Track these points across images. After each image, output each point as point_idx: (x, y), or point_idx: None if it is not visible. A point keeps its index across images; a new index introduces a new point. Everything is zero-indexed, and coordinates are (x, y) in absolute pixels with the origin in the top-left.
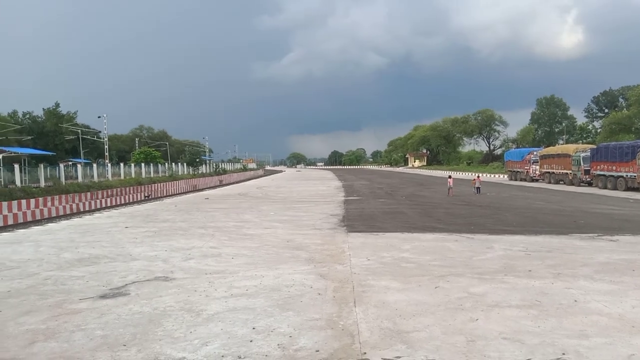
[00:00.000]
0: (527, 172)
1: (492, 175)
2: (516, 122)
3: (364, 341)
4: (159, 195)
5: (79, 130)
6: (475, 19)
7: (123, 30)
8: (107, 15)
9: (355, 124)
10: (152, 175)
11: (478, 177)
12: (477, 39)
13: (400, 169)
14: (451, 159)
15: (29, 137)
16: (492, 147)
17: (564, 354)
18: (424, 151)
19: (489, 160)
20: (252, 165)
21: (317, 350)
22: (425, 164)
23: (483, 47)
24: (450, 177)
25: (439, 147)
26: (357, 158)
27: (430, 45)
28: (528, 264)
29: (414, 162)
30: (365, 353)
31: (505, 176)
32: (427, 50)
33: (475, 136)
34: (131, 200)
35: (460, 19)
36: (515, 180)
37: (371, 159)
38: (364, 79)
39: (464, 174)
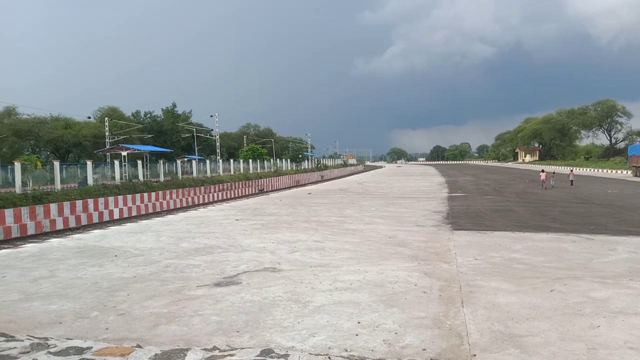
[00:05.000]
0: None
1: (614, 171)
2: None
3: (473, 343)
4: (265, 190)
5: (194, 129)
6: (595, 3)
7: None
8: (222, 38)
9: (459, 118)
10: (258, 170)
11: (571, 170)
12: (597, 24)
13: (509, 164)
14: (566, 153)
15: (150, 135)
16: (613, 141)
17: None
18: (536, 145)
19: (609, 154)
20: (352, 161)
21: (424, 349)
22: (537, 159)
23: (604, 33)
24: (543, 171)
25: (553, 141)
26: (461, 153)
27: (543, 32)
28: None
29: (525, 157)
30: (474, 355)
31: (629, 172)
32: (540, 38)
33: (594, 129)
34: (240, 195)
35: (577, 3)
36: None
37: (476, 154)
38: (470, 71)
39: (581, 169)
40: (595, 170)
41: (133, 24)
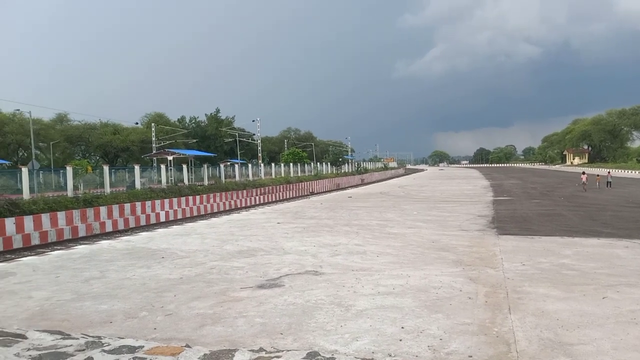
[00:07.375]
0: None
1: None
2: None
3: (521, 350)
4: (306, 193)
5: (236, 134)
6: None
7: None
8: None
9: (504, 120)
10: (299, 174)
11: (609, 172)
12: None
13: (557, 167)
14: (617, 155)
15: (194, 140)
16: None
17: None
18: (585, 147)
19: None
20: (392, 164)
21: (470, 356)
22: (586, 161)
23: None
24: (584, 173)
25: (603, 143)
26: (506, 156)
27: (592, 31)
28: None
29: (573, 159)
30: None
31: None
32: (588, 38)
33: None
34: (281, 198)
35: (628, 1)
36: None
37: (522, 157)
38: (515, 71)
39: (633, 172)
40: None
41: (190, 42)
